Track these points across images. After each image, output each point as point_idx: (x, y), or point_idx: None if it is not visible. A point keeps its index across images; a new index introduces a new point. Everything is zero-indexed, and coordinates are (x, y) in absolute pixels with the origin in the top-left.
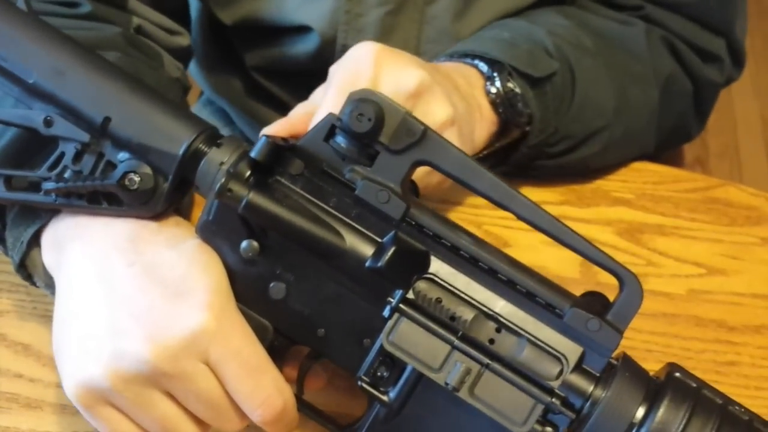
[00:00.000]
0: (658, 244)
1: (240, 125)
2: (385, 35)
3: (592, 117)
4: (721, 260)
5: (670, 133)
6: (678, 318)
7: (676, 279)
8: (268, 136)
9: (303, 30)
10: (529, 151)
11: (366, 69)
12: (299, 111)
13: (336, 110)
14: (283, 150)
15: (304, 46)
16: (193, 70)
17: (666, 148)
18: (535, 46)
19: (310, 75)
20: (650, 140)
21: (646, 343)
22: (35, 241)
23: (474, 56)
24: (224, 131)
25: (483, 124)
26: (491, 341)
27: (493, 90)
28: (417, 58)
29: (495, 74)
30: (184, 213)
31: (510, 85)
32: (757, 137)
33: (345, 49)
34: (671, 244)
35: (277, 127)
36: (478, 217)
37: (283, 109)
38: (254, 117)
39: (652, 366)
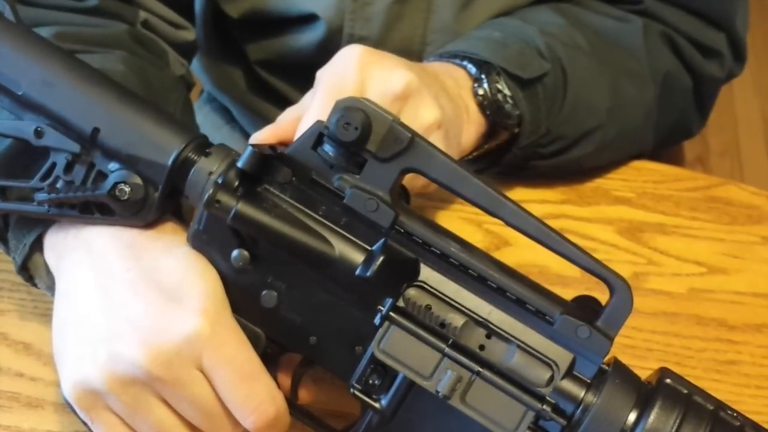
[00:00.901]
0: (659, 243)
1: (242, 122)
2: (392, 24)
3: (584, 117)
4: (721, 259)
5: (670, 130)
6: (679, 317)
7: (676, 278)
8: (254, 146)
9: (309, 19)
10: (521, 152)
11: (352, 72)
12: (287, 116)
13: (323, 116)
14: (270, 159)
15: (310, 37)
16: (195, 65)
17: (667, 145)
18: (526, 47)
19: (314, 68)
20: (648, 138)
21: (647, 342)
22: (38, 244)
23: (463, 57)
24: (226, 129)
25: (470, 127)
26: (481, 347)
27: (481, 92)
28: (404, 60)
29: (483, 76)
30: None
31: (498, 86)
32: (758, 136)
33: (351, 38)
34: (672, 243)
35: (266, 134)
36: (479, 216)
37: (286, 105)
38: (256, 113)
39: (653, 365)
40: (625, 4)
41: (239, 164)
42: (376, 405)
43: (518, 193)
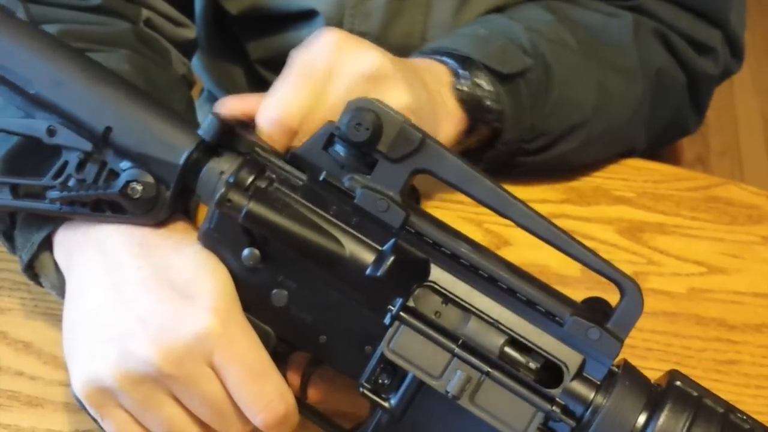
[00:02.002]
0: (659, 243)
1: None
2: (391, 20)
3: (570, 112)
4: (721, 259)
5: (665, 128)
6: (679, 317)
7: (676, 278)
8: (216, 115)
9: (309, 16)
10: (505, 148)
11: (324, 53)
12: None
13: (292, 94)
14: (233, 130)
15: (310, 33)
16: (196, 64)
17: (663, 143)
18: (509, 43)
19: None
20: (639, 135)
21: (647, 342)
22: (46, 242)
23: (445, 53)
24: None
25: (449, 122)
26: None
27: (460, 87)
28: (379, 47)
29: (463, 71)
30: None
31: (478, 81)
32: (758, 135)
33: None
34: (672, 243)
35: (232, 103)
36: (479, 216)
37: None
38: None
39: (653, 365)
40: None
41: (200, 132)
42: (386, 404)
43: (518, 193)
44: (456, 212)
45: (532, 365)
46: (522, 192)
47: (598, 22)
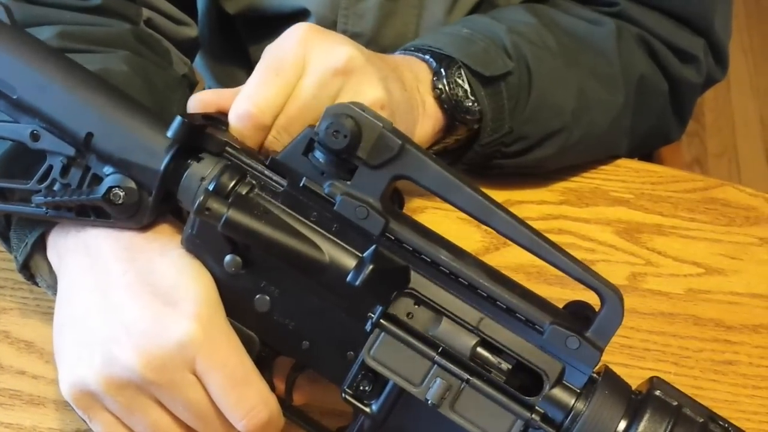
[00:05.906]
0: (657, 244)
1: None
2: (384, 21)
3: (548, 118)
4: (719, 260)
5: (647, 134)
6: (676, 317)
7: (674, 278)
8: (184, 116)
9: (302, 16)
10: (483, 150)
11: (293, 47)
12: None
13: (258, 88)
14: (202, 130)
15: None
16: (198, 63)
17: (644, 149)
18: (492, 44)
19: None
20: (619, 142)
21: (645, 342)
22: (40, 243)
23: (426, 51)
24: None
25: (426, 121)
26: None
27: (440, 86)
28: (351, 41)
29: (443, 70)
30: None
31: (459, 81)
32: (756, 138)
33: (344, 35)
34: (670, 244)
35: (206, 97)
36: None
37: None
38: None
39: (651, 365)
40: (601, 6)
41: (168, 134)
42: (367, 410)
43: (517, 194)
44: (456, 212)
45: (504, 366)
46: (520, 193)
47: (581, 28)
